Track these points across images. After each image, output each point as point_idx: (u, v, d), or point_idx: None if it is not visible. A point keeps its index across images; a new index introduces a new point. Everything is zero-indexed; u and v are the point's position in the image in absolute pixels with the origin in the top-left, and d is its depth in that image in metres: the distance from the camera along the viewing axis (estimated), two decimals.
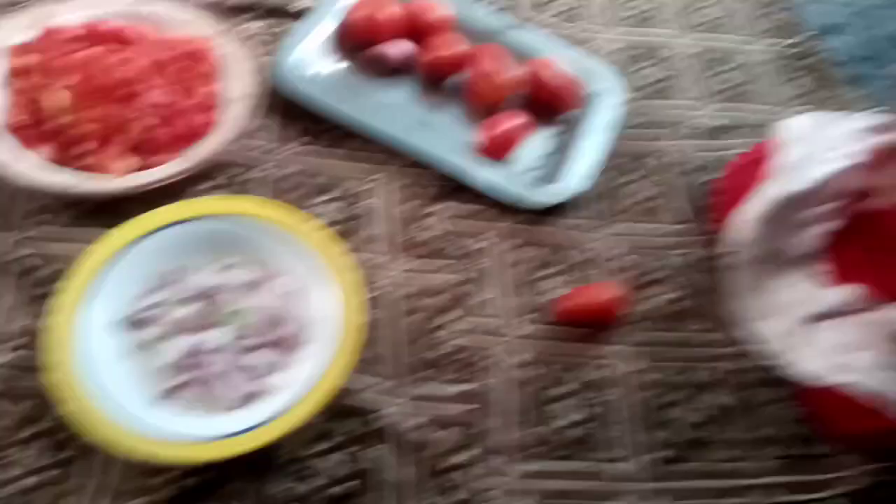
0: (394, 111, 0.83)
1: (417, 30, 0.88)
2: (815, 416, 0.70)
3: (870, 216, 0.70)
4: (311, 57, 0.84)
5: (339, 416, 0.63)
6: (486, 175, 0.79)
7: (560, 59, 0.89)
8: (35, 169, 0.68)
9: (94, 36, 0.76)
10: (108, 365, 0.60)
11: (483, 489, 0.62)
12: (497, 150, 0.81)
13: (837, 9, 1.13)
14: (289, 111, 0.81)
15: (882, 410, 0.62)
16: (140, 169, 0.70)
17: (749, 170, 0.78)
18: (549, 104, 0.87)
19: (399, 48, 0.86)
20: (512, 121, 0.82)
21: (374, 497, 0.60)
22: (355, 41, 0.87)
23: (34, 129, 0.70)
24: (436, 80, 0.87)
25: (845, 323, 0.68)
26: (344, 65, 0.86)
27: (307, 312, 0.65)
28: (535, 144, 0.85)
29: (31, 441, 0.58)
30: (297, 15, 0.88)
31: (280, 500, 0.59)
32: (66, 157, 0.69)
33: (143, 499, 0.58)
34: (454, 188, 0.79)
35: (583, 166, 0.81)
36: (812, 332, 0.69)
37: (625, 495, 0.64)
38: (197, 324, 0.64)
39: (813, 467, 0.68)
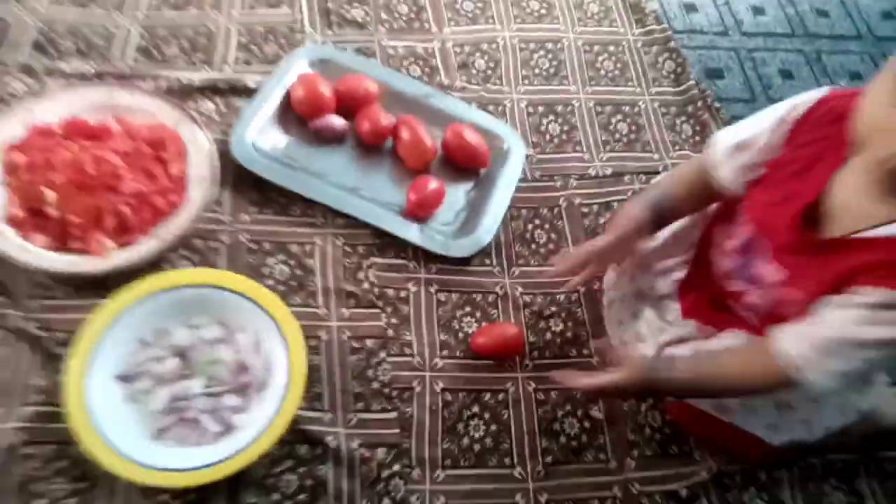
0: (331, 178, 0.99)
1: (349, 103, 1.03)
2: (673, 423, 0.89)
3: (707, 265, 0.88)
4: (259, 133, 0.99)
5: (292, 443, 0.80)
6: (412, 232, 0.95)
7: (473, 121, 1.06)
8: (33, 254, 0.83)
9: (71, 133, 0.90)
10: (112, 410, 0.77)
11: (407, 494, 0.80)
12: (422, 210, 0.98)
13: (721, 53, 1.30)
14: (240, 183, 0.96)
15: (721, 418, 0.81)
16: (121, 246, 0.86)
17: None
18: (464, 164, 1.03)
19: (337, 121, 1.02)
20: (433, 184, 0.99)
21: None
22: (297, 116, 1.02)
23: (30, 221, 0.85)
24: (368, 147, 1.03)
25: (688, 348, 0.87)
26: (287, 138, 1.01)
27: (263, 361, 0.83)
28: (453, 199, 1.01)
29: (55, 476, 0.75)
30: (244, 92, 1.03)
31: None
32: (58, 243, 0.85)
33: None
34: (385, 244, 0.96)
35: (491, 219, 0.99)
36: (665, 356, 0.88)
37: (516, 493, 0.82)
38: (176, 375, 0.81)
39: (666, 464, 0.87)
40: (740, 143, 0.75)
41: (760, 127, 0.73)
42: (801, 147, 0.70)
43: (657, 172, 1.08)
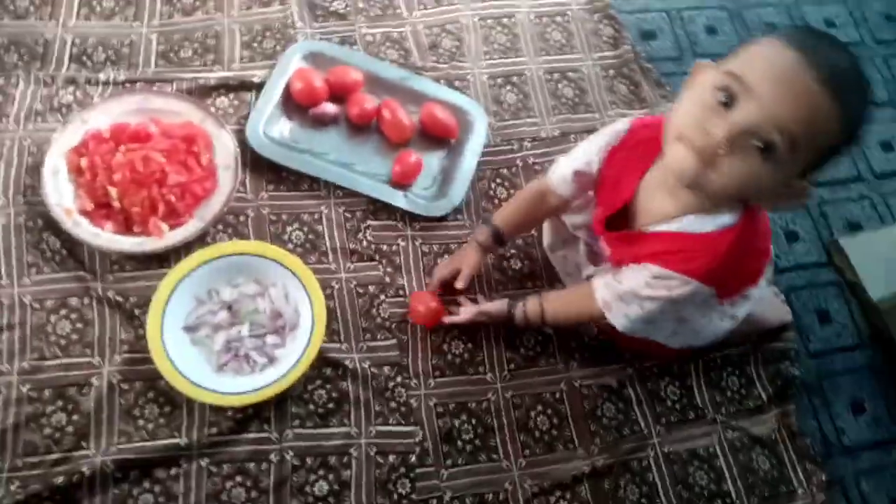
0: (330, 156, 1.22)
1: (339, 91, 1.25)
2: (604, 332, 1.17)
3: None
4: (267, 122, 1.21)
5: (319, 368, 1.08)
6: (398, 198, 1.20)
7: (443, 98, 1.28)
8: (105, 239, 1.07)
9: (118, 136, 1.13)
10: (183, 353, 1.03)
11: (408, 397, 1.09)
12: (405, 179, 1.22)
13: (653, 15, 1.50)
14: (256, 167, 1.19)
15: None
16: (172, 227, 1.10)
17: None
18: (437, 136, 1.26)
19: (330, 107, 1.24)
20: (412, 157, 1.22)
21: (346, 411, 1.06)
22: (297, 105, 1.24)
23: (98, 212, 1.09)
24: (357, 128, 1.25)
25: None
26: (291, 124, 1.23)
27: (292, 308, 1.09)
28: (430, 167, 1.25)
29: (147, 404, 1.03)
30: (252, 87, 1.25)
31: (292, 417, 1.05)
32: (124, 228, 1.09)
33: (214, 429, 1.03)
34: (376, 209, 1.20)
35: (461, 183, 1.23)
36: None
37: (488, 391, 1.11)
38: (227, 323, 1.07)
39: (601, 363, 1.15)
40: (577, 171, 1.00)
41: (590, 154, 0.98)
42: (614, 166, 0.96)
43: (596, 129, 1.31)
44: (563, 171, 1.03)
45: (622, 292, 0.94)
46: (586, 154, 0.99)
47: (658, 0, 1.52)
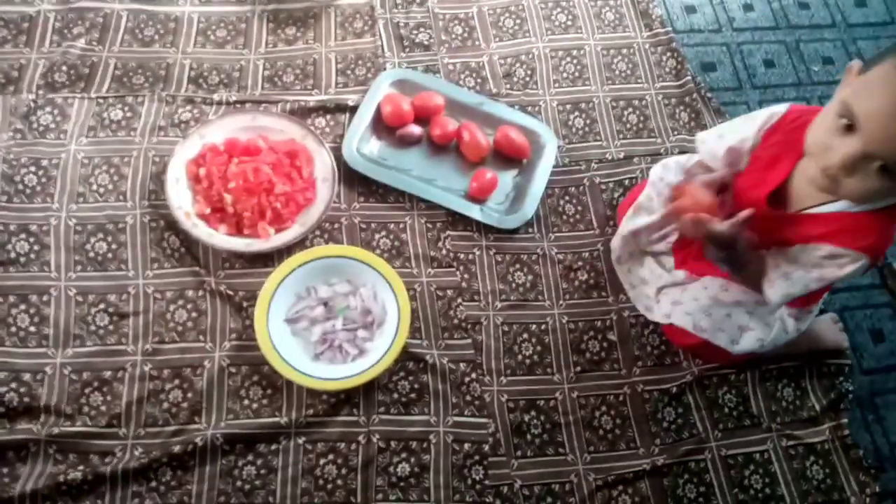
0: (414, 172, 1.34)
1: (423, 114, 1.38)
2: (668, 340, 1.25)
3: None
4: (360, 141, 1.34)
5: (403, 361, 1.19)
6: (474, 211, 1.31)
7: (516, 122, 1.39)
8: (219, 239, 1.21)
9: (232, 150, 1.27)
10: (285, 342, 1.16)
11: (482, 392, 1.19)
12: (481, 194, 1.33)
13: (713, 49, 1.60)
14: (349, 180, 1.32)
15: (698, 335, 1.16)
16: (278, 231, 1.23)
17: (633, 197, 1.29)
18: (511, 156, 1.38)
19: (416, 128, 1.37)
20: (488, 175, 1.33)
21: (426, 401, 1.17)
22: (386, 126, 1.37)
23: (213, 215, 1.23)
24: (438, 147, 1.38)
25: (678, 290, 1.21)
26: (380, 143, 1.37)
27: (380, 307, 1.20)
28: (504, 184, 1.36)
29: (252, 386, 1.15)
30: (346, 109, 1.38)
31: (378, 404, 1.16)
32: (235, 230, 1.23)
33: (310, 410, 1.14)
34: (455, 220, 1.32)
35: (532, 199, 1.33)
36: (661, 295, 1.23)
37: (556, 391, 1.20)
38: (323, 317, 1.20)
39: (662, 370, 1.24)
40: (730, 148, 1.05)
41: (746, 133, 1.03)
42: (770, 147, 1.01)
43: (660, 154, 1.41)
44: (712, 147, 1.08)
45: (788, 271, 0.97)
46: (742, 133, 1.04)
47: (718, 34, 1.61)
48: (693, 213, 0.97)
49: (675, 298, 1.20)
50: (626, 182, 1.39)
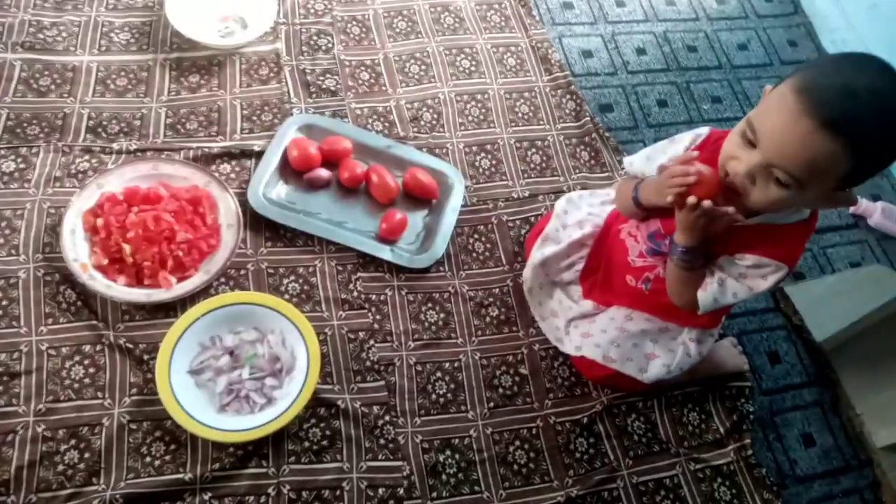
0: (322, 215, 1.34)
1: (332, 157, 1.39)
2: (577, 371, 1.28)
3: (599, 260, 1.26)
4: (266, 186, 1.34)
5: (314, 408, 1.17)
6: (385, 252, 1.32)
7: (424, 164, 1.42)
8: (117, 290, 1.17)
9: (131, 199, 1.24)
10: (189, 394, 1.12)
11: (396, 434, 1.18)
12: (391, 235, 1.34)
13: (611, 90, 1.68)
14: (256, 225, 1.31)
15: (608, 366, 1.19)
16: (180, 280, 1.20)
17: (539, 230, 1.33)
18: (420, 197, 1.40)
19: (324, 172, 1.37)
20: (398, 216, 1.35)
21: (338, 448, 1.15)
22: (293, 170, 1.37)
23: (112, 266, 1.19)
24: (347, 190, 1.39)
25: (587, 321, 1.25)
26: (287, 187, 1.36)
27: (288, 353, 1.18)
28: (413, 225, 1.38)
29: (154, 442, 1.11)
30: (252, 155, 1.38)
31: (288, 453, 1.13)
32: (135, 281, 1.19)
33: (216, 464, 1.10)
34: (366, 262, 1.32)
35: (442, 238, 1.35)
36: (571, 327, 1.26)
37: (470, 428, 1.21)
38: (229, 367, 1.17)
39: (573, 401, 1.26)
40: (660, 167, 1.08)
41: (673, 153, 1.07)
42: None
43: (563, 191, 1.46)
44: (640, 169, 1.12)
45: (723, 277, 1.01)
46: (669, 153, 1.08)
47: (614, 77, 1.70)
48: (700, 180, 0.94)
49: (584, 331, 1.24)
50: (532, 219, 1.43)
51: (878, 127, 0.80)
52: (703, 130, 1.08)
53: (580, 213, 1.31)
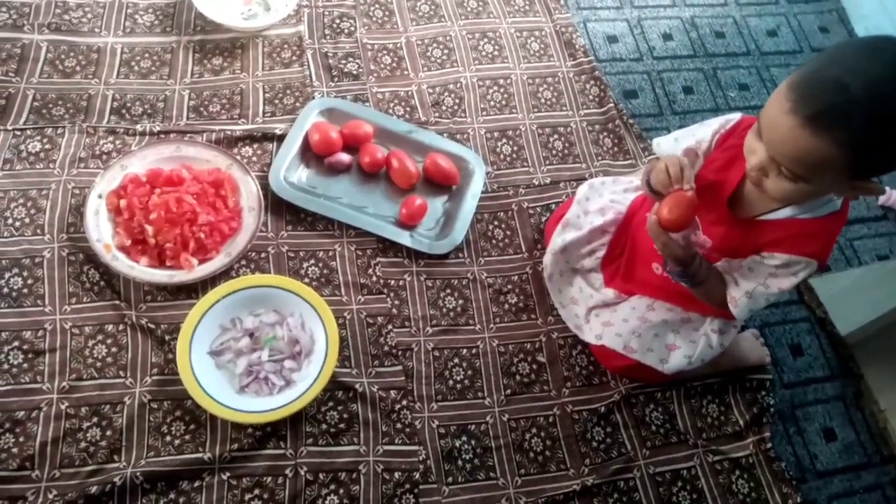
0: (343, 200, 1.34)
1: (352, 142, 1.38)
2: (596, 360, 1.27)
3: (622, 247, 1.25)
4: (287, 169, 1.34)
5: (332, 391, 1.18)
6: (404, 238, 1.32)
7: (445, 149, 1.41)
8: (140, 271, 1.19)
9: (154, 181, 1.25)
10: (209, 375, 1.13)
11: (413, 419, 1.18)
12: (411, 220, 1.34)
13: (635, 76, 1.65)
14: (277, 209, 1.32)
15: (627, 356, 1.18)
16: (201, 262, 1.21)
17: (559, 216, 1.32)
18: (440, 183, 1.39)
19: (344, 156, 1.37)
20: (418, 201, 1.34)
21: (356, 431, 1.16)
22: (314, 154, 1.37)
23: (134, 247, 1.20)
24: (368, 175, 1.38)
25: (608, 310, 1.24)
26: (308, 171, 1.37)
27: (307, 336, 1.19)
28: (433, 210, 1.37)
29: (174, 422, 1.12)
30: (273, 138, 1.38)
31: (306, 435, 1.14)
32: (157, 262, 1.20)
33: (235, 445, 1.12)
34: (386, 247, 1.32)
35: (462, 224, 1.35)
36: (591, 315, 1.25)
37: (486, 415, 1.21)
38: (249, 349, 1.17)
39: (591, 390, 1.25)
40: (686, 149, 1.08)
41: (702, 136, 1.07)
42: (725, 150, 1.04)
43: (584, 178, 1.44)
44: (667, 150, 1.11)
45: (749, 289, 1.01)
46: (698, 136, 1.07)
47: (639, 63, 1.67)
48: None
49: (605, 319, 1.23)
50: (553, 206, 1.42)
51: (870, 120, 0.76)
52: (735, 116, 1.06)
53: (602, 199, 1.30)
